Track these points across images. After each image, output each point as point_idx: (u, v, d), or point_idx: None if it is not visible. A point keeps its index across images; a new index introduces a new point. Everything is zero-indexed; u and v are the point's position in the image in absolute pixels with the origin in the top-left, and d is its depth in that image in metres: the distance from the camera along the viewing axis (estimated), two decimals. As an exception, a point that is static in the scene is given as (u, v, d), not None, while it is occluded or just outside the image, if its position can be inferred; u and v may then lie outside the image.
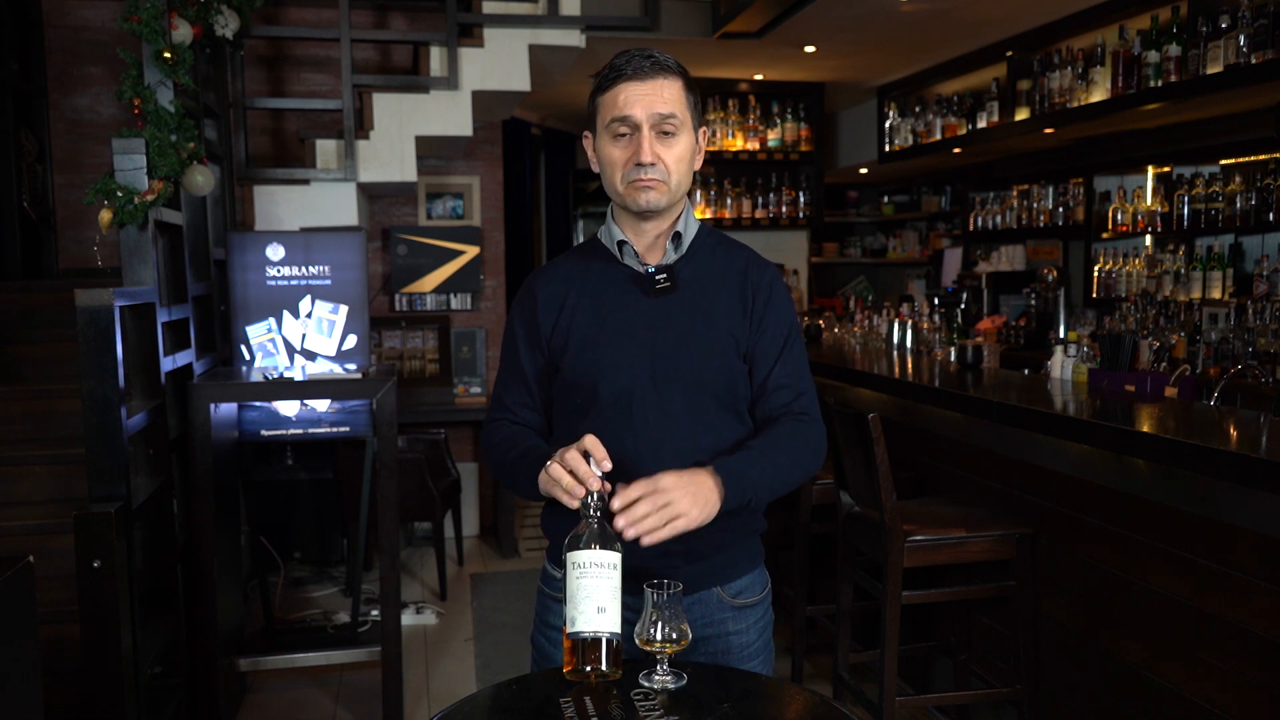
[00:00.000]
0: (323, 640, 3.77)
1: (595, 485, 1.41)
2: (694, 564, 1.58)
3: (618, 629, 1.38)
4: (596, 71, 1.61)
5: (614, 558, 1.38)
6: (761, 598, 1.69)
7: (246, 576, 3.97)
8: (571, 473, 1.43)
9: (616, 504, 1.40)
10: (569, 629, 1.38)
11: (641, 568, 1.50)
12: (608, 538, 1.39)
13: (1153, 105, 4.34)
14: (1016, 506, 2.85)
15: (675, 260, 1.64)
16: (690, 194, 1.83)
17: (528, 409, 1.69)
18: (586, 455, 1.44)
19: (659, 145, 1.56)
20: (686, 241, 1.65)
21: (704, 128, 1.66)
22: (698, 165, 1.65)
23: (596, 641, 1.36)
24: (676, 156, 1.58)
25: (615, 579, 1.38)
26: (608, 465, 1.44)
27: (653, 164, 1.55)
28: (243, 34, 4.06)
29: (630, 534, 1.39)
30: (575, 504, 1.42)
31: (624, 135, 1.56)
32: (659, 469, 1.51)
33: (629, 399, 1.57)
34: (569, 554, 1.39)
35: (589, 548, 1.38)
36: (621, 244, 1.63)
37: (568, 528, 1.44)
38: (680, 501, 1.41)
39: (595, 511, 1.40)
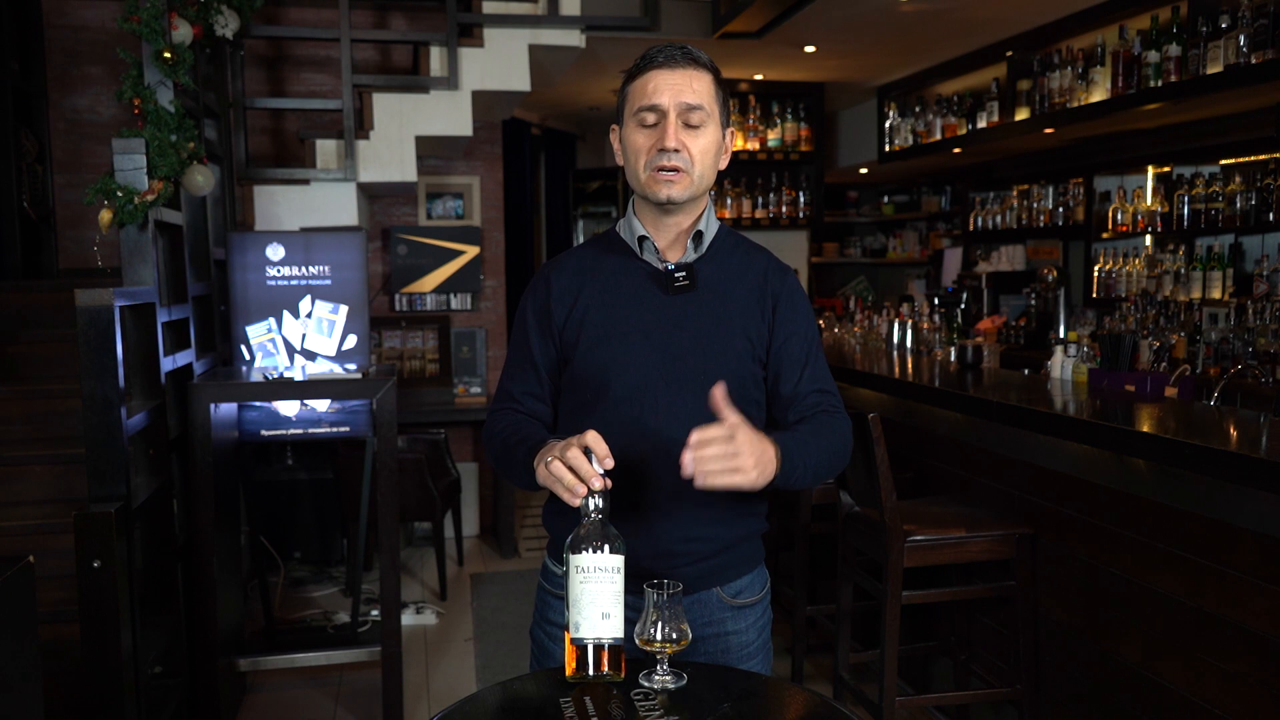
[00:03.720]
0: (323, 640, 3.77)
1: (598, 485, 1.37)
2: (695, 565, 1.58)
3: (621, 634, 1.37)
4: (624, 69, 1.60)
5: (617, 560, 1.36)
6: (760, 597, 1.68)
7: (246, 576, 3.96)
8: (573, 470, 1.38)
9: (695, 437, 1.35)
10: (572, 634, 1.37)
11: (643, 568, 1.49)
12: (610, 538, 1.37)
13: (1153, 105, 4.34)
14: (1016, 506, 2.85)
15: (695, 259, 1.62)
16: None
17: (535, 399, 1.65)
18: (588, 452, 1.39)
19: (685, 135, 1.54)
20: (707, 241, 1.64)
21: (731, 128, 1.64)
22: (723, 165, 1.63)
23: (602, 648, 1.36)
24: (702, 148, 1.56)
25: (618, 582, 1.37)
26: (610, 463, 1.39)
27: (677, 150, 1.53)
28: (243, 34, 4.06)
29: (689, 472, 1.35)
30: (577, 503, 1.38)
31: (651, 124, 1.55)
32: (667, 470, 1.50)
33: (640, 397, 1.55)
34: (571, 556, 1.37)
35: (591, 550, 1.36)
36: (642, 240, 1.62)
37: (569, 524, 1.42)
38: (747, 459, 1.36)
39: (597, 512, 1.37)
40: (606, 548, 1.36)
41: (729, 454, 1.35)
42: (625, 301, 1.60)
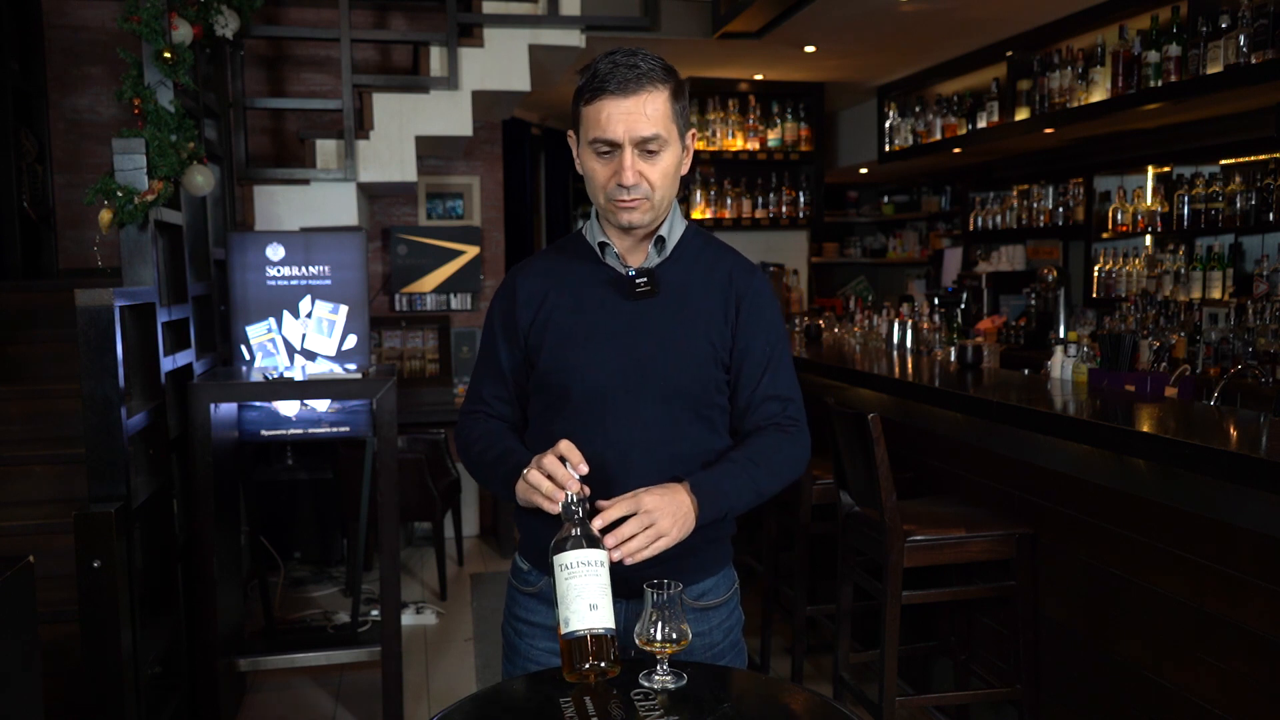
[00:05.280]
0: (323, 640, 3.77)
1: (574, 487, 1.41)
2: (657, 566, 1.57)
3: (611, 624, 1.37)
4: (585, 66, 1.56)
5: (601, 555, 1.39)
6: (726, 599, 1.68)
7: (246, 576, 3.96)
8: (549, 478, 1.43)
9: (599, 523, 1.41)
10: (563, 630, 1.37)
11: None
12: (592, 538, 1.39)
13: (1153, 105, 4.34)
14: (1016, 506, 2.85)
15: (657, 263, 1.62)
16: (689, 194, 1.81)
17: (503, 402, 1.69)
18: (563, 460, 1.45)
19: (642, 163, 1.52)
20: (670, 245, 1.64)
21: (693, 130, 1.63)
22: (685, 169, 1.62)
23: (594, 638, 1.36)
24: (661, 171, 1.54)
25: (604, 575, 1.38)
26: (584, 469, 1.44)
27: (636, 184, 1.52)
28: (243, 34, 4.06)
29: (616, 555, 1.40)
30: (557, 509, 1.42)
31: (606, 154, 1.53)
32: (628, 473, 1.53)
33: (601, 401, 1.57)
34: (555, 557, 1.39)
35: (573, 548, 1.38)
36: (603, 245, 1.62)
37: (538, 522, 1.47)
38: (662, 521, 1.43)
39: (577, 513, 1.40)
40: (586, 543, 1.38)
41: (645, 525, 1.42)
42: (588, 306, 1.60)
